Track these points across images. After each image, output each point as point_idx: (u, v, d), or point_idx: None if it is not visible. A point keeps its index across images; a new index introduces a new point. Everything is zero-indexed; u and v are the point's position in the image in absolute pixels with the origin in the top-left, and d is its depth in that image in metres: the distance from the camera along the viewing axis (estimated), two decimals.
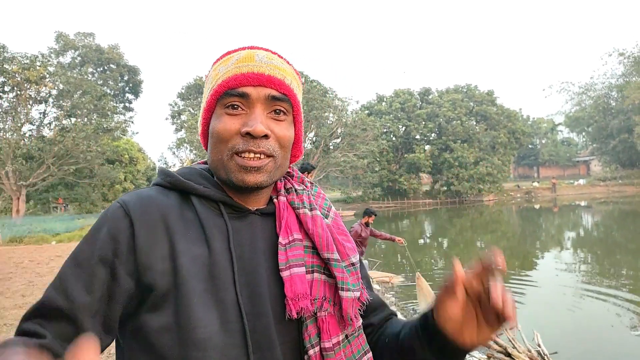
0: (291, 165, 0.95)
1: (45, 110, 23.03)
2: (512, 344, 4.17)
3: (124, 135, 29.74)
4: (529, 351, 4.13)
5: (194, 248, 0.76)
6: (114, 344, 0.79)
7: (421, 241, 17.31)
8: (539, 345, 4.24)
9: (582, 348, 5.17)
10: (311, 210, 0.87)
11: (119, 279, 0.72)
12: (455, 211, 31.49)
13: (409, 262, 8.45)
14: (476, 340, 0.72)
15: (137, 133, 34.57)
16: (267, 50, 0.86)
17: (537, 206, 32.44)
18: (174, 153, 33.49)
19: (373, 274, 9.97)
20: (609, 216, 22.96)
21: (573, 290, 7.84)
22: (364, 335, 0.85)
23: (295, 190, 0.90)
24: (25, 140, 21.94)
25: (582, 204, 32.83)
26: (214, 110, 0.83)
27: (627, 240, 14.39)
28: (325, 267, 0.83)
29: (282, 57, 0.87)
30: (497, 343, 4.14)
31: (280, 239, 0.82)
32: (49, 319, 0.70)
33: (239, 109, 0.80)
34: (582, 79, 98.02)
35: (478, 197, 39.98)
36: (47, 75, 21.93)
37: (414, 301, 7.07)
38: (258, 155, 0.79)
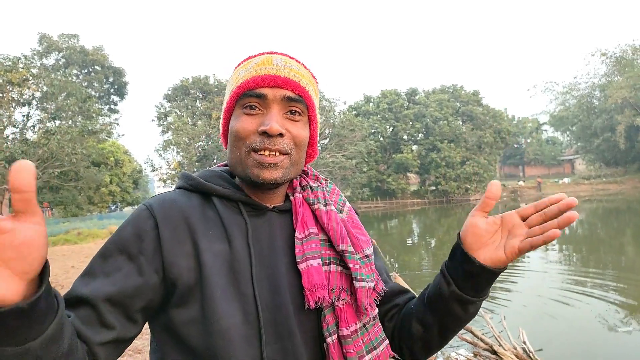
0: (307, 165, 0.99)
1: (28, 112, 22.62)
2: (498, 341, 4.21)
3: (110, 137, 29.40)
4: (515, 348, 4.17)
5: (216, 245, 0.81)
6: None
7: (409, 241, 17.39)
8: (525, 343, 4.29)
9: (567, 344, 5.24)
10: (326, 205, 0.92)
11: (145, 274, 0.77)
12: (443, 210, 31.70)
13: (396, 262, 8.49)
14: (489, 259, 0.80)
15: (122, 135, 34.23)
16: (284, 55, 0.90)
17: (522, 205, 32.71)
18: (160, 155, 33.21)
19: None
20: (594, 214, 23.30)
21: (559, 287, 7.94)
22: (380, 324, 0.90)
23: (310, 187, 0.95)
24: (8, 143, 21.50)
25: None
26: (234, 111, 0.88)
27: (611, 238, 14.61)
28: (341, 259, 0.87)
29: (299, 62, 0.91)
30: (483, 341, 4.18)
31: (297, 234, 0.87)
32: (73, 307, 0.73)
33: (257, 109, 0.85)
34: (566, 79, 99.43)
35: (465, 196, 40.31)
36: (30, 77, 21.57)
37: None
38: (274, 153, 0.83)
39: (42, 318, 0.56)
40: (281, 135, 0.83)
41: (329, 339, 0.83)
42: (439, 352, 4.48)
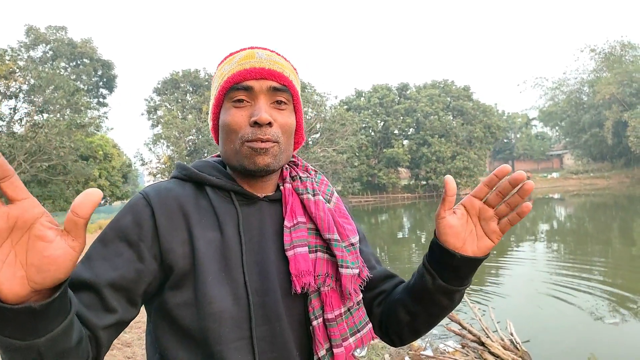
0: (296, 155, 1.04)
1: (15, 105, 22.32)
2: (486, 333, 4.27)
3: (98, 131, 29.10)
4: (502, 340, 4.23)
5: (208, 233, 0.85)
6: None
7: (399, 234, 17.49)
8: (512, 334, 4.35)
9: (554, 337, 5.31)
10: (314, 195, 0.95)
11: (145, 260, 0.81)
12: (433, 205, 31.86)
13: (387, 255, 8.53)
14: (477, 249, 0.85)
15: (111, 129, 33.85)
16: (265, 49, 0.95)
17: None
18: (150, 149, 32.94)
19: None
20: (581, 208, 23.57)
21: (547, 280, 8.03)
22: (364, 309, 0.95)
23: (300, 177, 0.98)
24: None
25: (556, 196, 33.60)
26: (222, 105, 0.92)
27: (598, 232, 14.80)
28: (328, 247, 0.90)
29: (279, 55, 0.95)
30: (471, 332, 4.23)
31: (286, 222, 0.90)
32: (76, 291, 0.75)
33: (244, 102, 0.88)
34: (555, 75, 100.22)
35: None
36: (17, 70, 21.28)
37: None
38: (265, 142, 0.87)
39: (51, 319, 0.59)
40: (270, 124, 0.86)
41: (314, 322, 0.87)
42: (427, 344, 4.52)
